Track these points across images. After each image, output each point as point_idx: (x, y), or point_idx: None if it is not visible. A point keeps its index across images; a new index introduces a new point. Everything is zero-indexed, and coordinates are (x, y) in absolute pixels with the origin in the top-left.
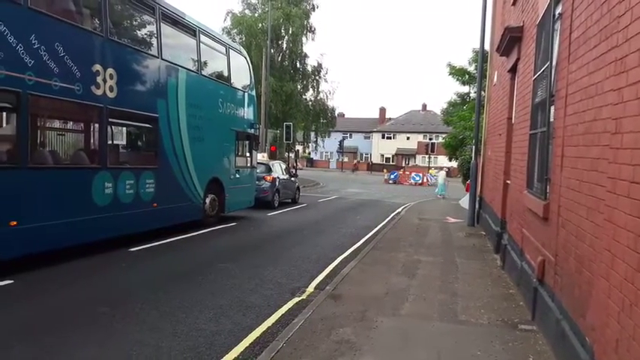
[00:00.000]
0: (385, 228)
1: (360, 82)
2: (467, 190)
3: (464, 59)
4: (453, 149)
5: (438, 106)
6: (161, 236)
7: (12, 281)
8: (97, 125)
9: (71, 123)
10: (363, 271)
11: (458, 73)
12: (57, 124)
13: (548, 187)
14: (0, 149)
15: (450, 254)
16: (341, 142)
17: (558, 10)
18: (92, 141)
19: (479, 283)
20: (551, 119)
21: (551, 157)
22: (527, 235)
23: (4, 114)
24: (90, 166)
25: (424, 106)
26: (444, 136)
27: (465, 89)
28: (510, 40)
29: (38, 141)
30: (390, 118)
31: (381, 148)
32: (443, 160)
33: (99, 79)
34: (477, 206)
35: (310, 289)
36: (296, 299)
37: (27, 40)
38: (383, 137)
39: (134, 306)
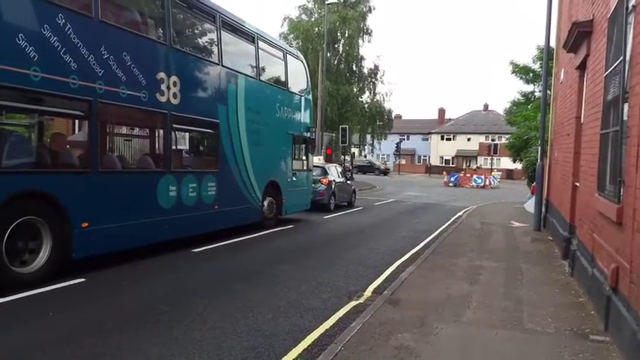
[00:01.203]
0: (445, 232)
1: (418, 83)
2: (532, 193)
3: (527, 57)
4: (517, 150)
5: (500, 105)
6: (221, 238)
7: (84, 280)
8: (161, 131)
9: (137, 129)
10: (422, 276)
11: (521, 71)
12: (124, 130)
13: (621, 189)
14: (73, 154)
15: (515, 260)
16: (398, 144)
17: (632, 1)
18: (157, 146)
19: (545, 290)
20: (625, 118)
21: (624, 158)
22: (598, 241)
23: (76, 121)
24: (155, 170)
25: (486, 106)
26: (507, 137)
27: (529, 88)
28: (578, 36)
29: (107, 146)
30: (449, 119)
31: (440, 150)
32: (506, 162)
33: (163, 87)
34: (543, 210)
35: (368, 293)
36: (353, 303)
37: (97, 50)
38: (442, 138)
39: (196, 305)
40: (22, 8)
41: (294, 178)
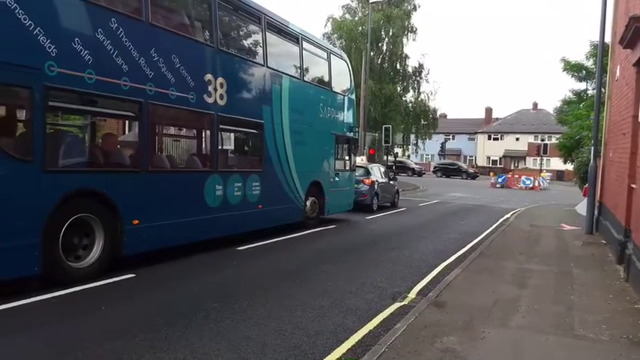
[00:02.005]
0: (492, 235)
1: (464, 82)
2: (584, 195)
3: (580, 54)
4: (568, 151)
5: (550, 104)
6: (265, 236)
7: (134, 275)
8: (208, 131)
9: (185, 129)
10: (468, 279)
11: (573, 68)
12: (173, 130)
13: None
14: (124, 154)
15: (565, 264)
16: (443, 144)
17: None
18: (204, 146)
19: (598, 295)
20: None
21: None
22: None
23: (127, 122)
24: (202, 170)
25: (535, 105)
26: (557, 136)
27: (582, 86)
28: (636, 31)
29: (157, 146)
30: (497, 118)
31: (486, 150)
32: (556, 163)
33: (210, 88)
34: (595, 213)
35: (412, 295)
36: (397, 304)
37: (148, 53)
38: (489, 138)
39: (241, 302)
40: (77, 14)
41: (337, 179)
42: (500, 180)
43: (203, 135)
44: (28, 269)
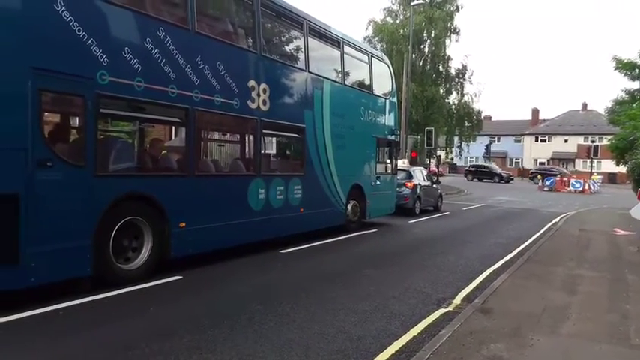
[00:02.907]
0: (540, 239)
1: (509, 83)
2: (639, 199)
3: (633, 51)
4: (620, 152)
5: (601, 104)
6: (307, 240)
7: (181, 277)
8: (251, 136)
9: (229, 134)
10: (515, 285)
11: (626, 67)
12: (217, 135)
13: None
14: (172, 159)
15: (619, 270)
16: (487, 147)
17: None
18: (247, 151)
19: None
20: None
21: None
22: None
23: (173, 128)
24: (246, 174)
25: (584, 106)
26: (608, 138)
27: (635, 85)
28: None
29: (202, 151)
30: (544, 120)
31: (533, 152)
32: (607, 165)
33: (253, 94)
34: None
35: (457, 300)
36: (442, 310)
37: (194, 61)
38: (536, 140)
39: (285, 305)
40: (127, 24)
41: (378, 182)
42: (548, 183)
43: (246, 140)
44: (80, 270)
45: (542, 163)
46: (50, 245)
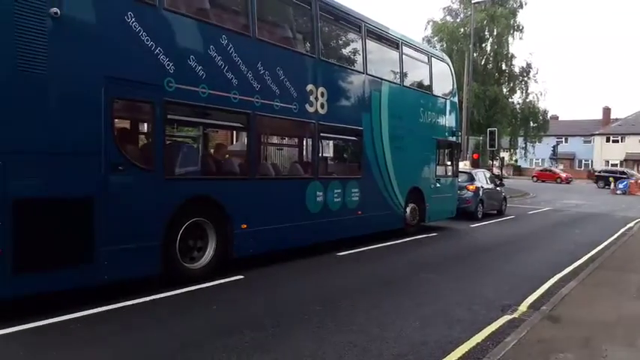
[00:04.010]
0: (613, 245)
1: (577, 81)
2: None
3: None
4: None
5: None
6: (364, 243)
7: (242, 277)
8: (309, 140)
9: (288, 138)
10: (586, 293)
11: None
12: (276, 139)
13: None
14: (234, 163)
15: None
16: (554, 148)
17: None
18: (305, 154)
19: None
20: None
21: None
22: None
23: (235, 132)
24: (304, 177)
25: None
26: None
27: None
28: None
29: (263, 155)
30: (616, 119)
31: (605, 154)
32: None
33: (312, 98)
34: None
35: (523, 307)
36: (507, 317)
37: (255, 67)
38: (607, 140)
39: (344, 307)
40: (192, 32)
41: (438, 185)
42: (621, 186)
43: (304, 143)
44: (149, 269)
45: (614, 165)
46: (122, 245)
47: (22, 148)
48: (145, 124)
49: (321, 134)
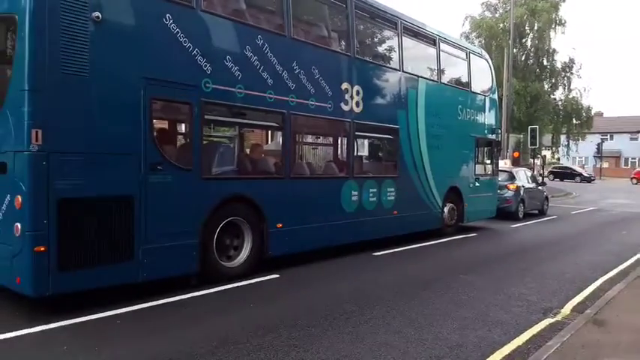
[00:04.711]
0: None
1: (624, 76)
2: None
3: None
4: None
5: None
6: (401, 243)
7: (277, 275)
8: (344, 138)
9: (322, 137)
10: (634, 296)
11: None
12: (311, 138)
13: None
14: (269, 162)
15: None
16: (599, 146)
17: None
18: (340, 153)
19: None
20: None
21: None
22: None
23: (270, 132)
24: (339, 176)
25: None
26: None
27: None
28: None
29: (297, 154)
30: None
31: None
32: None
33: (347, 97)
34: None
35: (566, 310)
36: (549, 320)
37: (290, 66)
38: None
39: (380, 308)
40: (228, 33)
41: (477, 184)
42: None
43: (339, 142)
44: (187, 267)
45: None
46: (161, 243)
47: (66, 148)
48: (183, 125)
49: (357, 133)
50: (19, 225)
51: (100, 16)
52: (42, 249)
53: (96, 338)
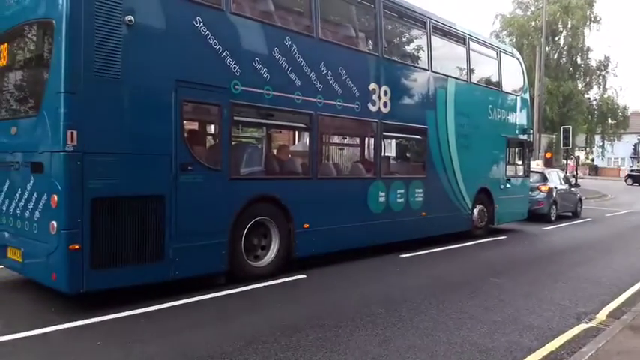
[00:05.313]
0: None
1: None
2: None
3: None
4: None
5: None
6: (429, 245)
7: (304, 276)
8: (371, 139)
9: (349, 138)
10: None
11: None
12: (337, 139)
13: None
14: (296, 163)
15: None
16: (635, 146)
17: None
18: (367, 153)
19: None
20: None
21: None
22: None
23: (297, 133)
24: (366, 177)
25: None
26: None
27: None
28: None
29: (324, 155)
30: None
31: None
32: None
33: (374, 97)
34: None
35: (601, 316)
36: (583, 325)
37: (317, 67)
38: None
39: (408, 310)
40: (257, 35)
41: (508, 185)
42: None
43: (366, 142)
44: (216, 266)
45: None
46: (191, 242)
47: (99, 149)
48: (212, 126)
49: (384, 133)
50: (54, 223)
51: (133, 19)
52: (76, 247)
53: (128, 334)
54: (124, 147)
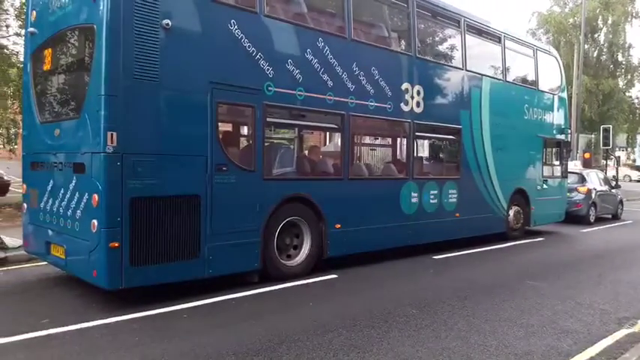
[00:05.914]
0: None
1: None
2: None
3: None
4: None
5: None
6: (462, 247)
7: (336, 276)
8: (404, 139)
9: (381, 138)
10: None
11: None
12: (369, 139)
13: None
14: (328, 163)
15: None
16: None
17: None
18: (400, 154)
19: None
20: None
21: None
22: None
23: (328, 133)
24: (398, 177)
25: None
26: None
27: None
28: None
29: (356, 155)
30: None
31: None
32: None
33: (407, 97)
34: None
35: None
36: (625, 331)
37: (350, 68)
38: None
39: (442, 312)
40: (290, 37)
41: (545, 186)
42: None
43: (399, 143)
44: (250, 265)
45: None
46: (225, 241)
47: (138, 150)
48: (246, 127)
49: (417, 133)
50: (95, 221)
51: (170, 23)
52: (116, 245)
53: (164, 331)
54: (161, 148)
